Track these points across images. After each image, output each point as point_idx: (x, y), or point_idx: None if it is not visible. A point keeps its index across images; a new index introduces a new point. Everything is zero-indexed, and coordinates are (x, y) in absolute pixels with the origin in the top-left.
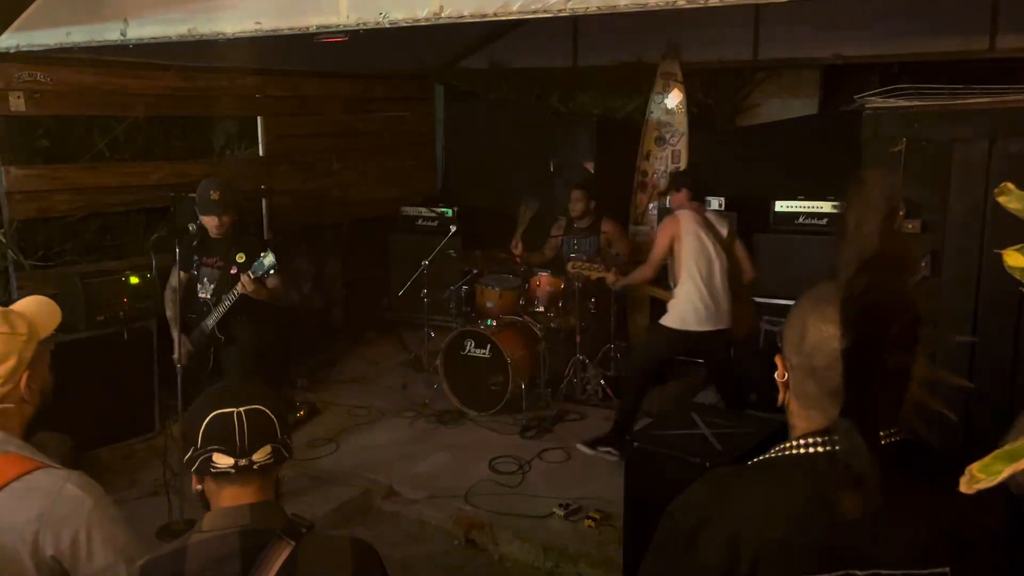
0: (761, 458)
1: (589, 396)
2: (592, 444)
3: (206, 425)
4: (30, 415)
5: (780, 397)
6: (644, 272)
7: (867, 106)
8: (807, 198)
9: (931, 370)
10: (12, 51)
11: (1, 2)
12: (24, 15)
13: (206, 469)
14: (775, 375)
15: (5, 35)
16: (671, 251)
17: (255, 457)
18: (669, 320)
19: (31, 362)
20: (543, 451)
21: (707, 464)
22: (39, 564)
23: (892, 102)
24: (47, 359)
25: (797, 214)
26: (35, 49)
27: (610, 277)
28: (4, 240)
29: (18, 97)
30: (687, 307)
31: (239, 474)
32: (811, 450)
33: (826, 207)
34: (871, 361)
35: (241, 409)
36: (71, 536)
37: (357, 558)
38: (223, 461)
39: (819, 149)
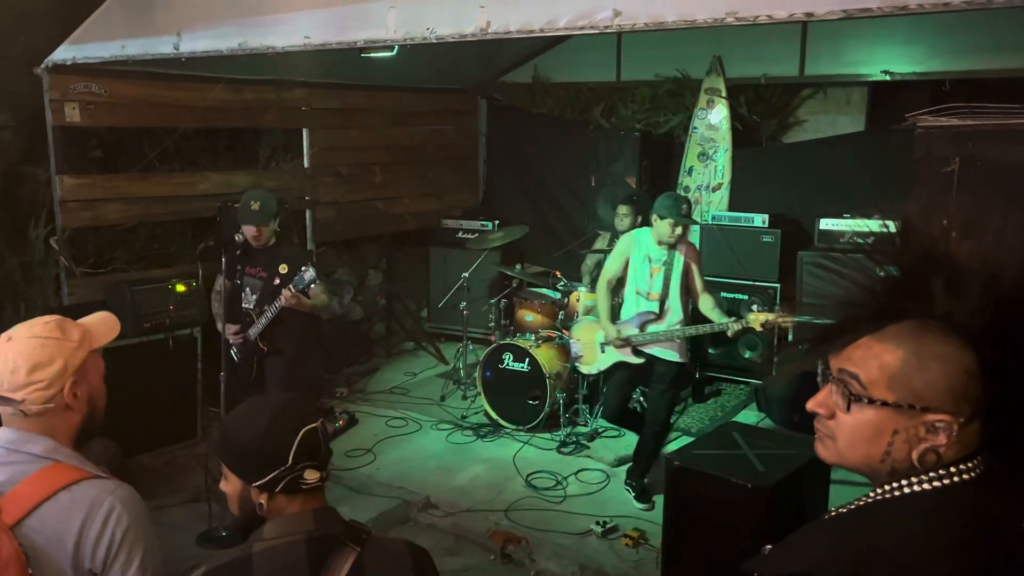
0: (871, 500)
1: None
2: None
3: (299, 443)
4: (77, 424)
5: (933, 457)
6: None
7: (919, 125)
8: (853, 216)
9: None
10: (68, 63)
11: (58, 15)
12: (80, 28)
13: (295, 487)
14: (918, 441)
15: (62, 47)
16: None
17: (329, 467)
18: None
19: (78, 369)
20: (581, 471)
21: (749, 485)
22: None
23: (944, 121)
24: (100, 370)
25: (842, 232)
26: (90, 61)
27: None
28: (57, 247)
29: (73, 108)
30: None
31: (314, 487)
32: (955, 479)
33: (873, 226)
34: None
35: (318, 425)
36: (106, 551)
37: (416, 561)
38: (313, 476)
39: (866, 167)
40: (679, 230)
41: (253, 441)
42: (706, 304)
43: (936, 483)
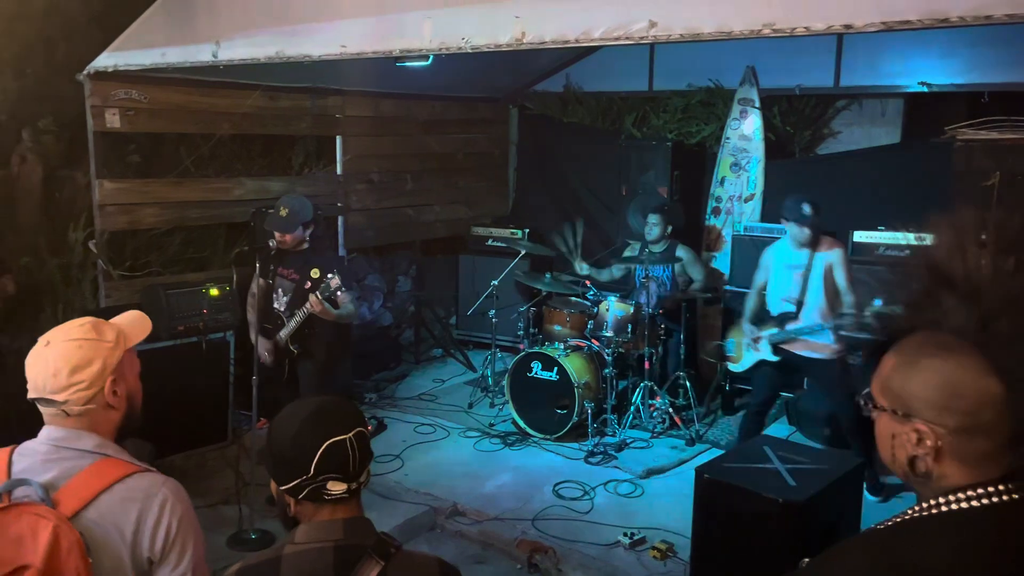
0: (910, 516)
1: (656, 424)
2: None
3: (321, 455)
4: (118, 421)
5: (924, 466)
6: None
7: (958, 138)
8: (888, 229)
9: None
10: (110, 70)
11: (99, 23)
12: (122, 36)
13: (318, 497)
14: (911, 447)
15: (103, 55)
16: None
17: (361, 479)
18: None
19: (116, 368)
20: (618, 484)
21: (780, 500)
22: (136, 565)
23: (984, 134)
24: (136, 368)
25: (877, 245)
26: (131, 69)
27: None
28: (95, 250)
29: (113, 114)
30: None
31: (343, 497)
32: (994, 500)
33: (908, 238)
34: None
35: (351, 435)
36: (164, 539)
37: None
38: (337, 488)
39: (902, 179)
40: (806, 231)
41: (280, 446)
42: (846, 303)
43: (975, 502)
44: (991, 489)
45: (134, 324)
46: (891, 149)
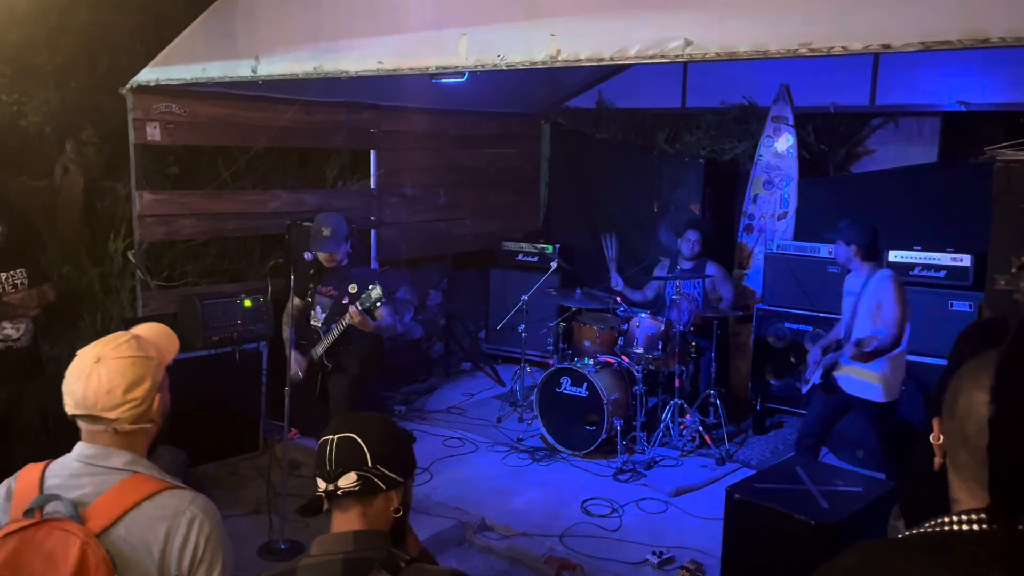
0: (916, 532)
1: (686, 442)
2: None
3: (317, 452)
4: (153, 435)
5: (936, 460)
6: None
7: (998, 158)
8: (924, 249)
9: None
10: (152, 84)
11: (140, 37)
12: (164, 51)
13: (329, 502)
14: (931, 437)
15: (146, 69)
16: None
17: (340, 483)
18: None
19: (160, 385)
20: (641, 500)
21: (812, 522)
22: None
23: None
24: (167, 383)
25: (912, 265)
26: (173, 83)
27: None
28: (134, 260)
29: (154, 127)
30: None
31: (332, 499)
32: (973, 527)
33: (944, 259)
34: (1019, 433)
35: (335, 437)
36: (191, 558)
37: None
38: (320, 485)
39: (938, 199)
40: (846, 253)
41: None
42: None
43: (964, 527)
44: (976, 517)
45: (165, 339)
46: (927, 168)
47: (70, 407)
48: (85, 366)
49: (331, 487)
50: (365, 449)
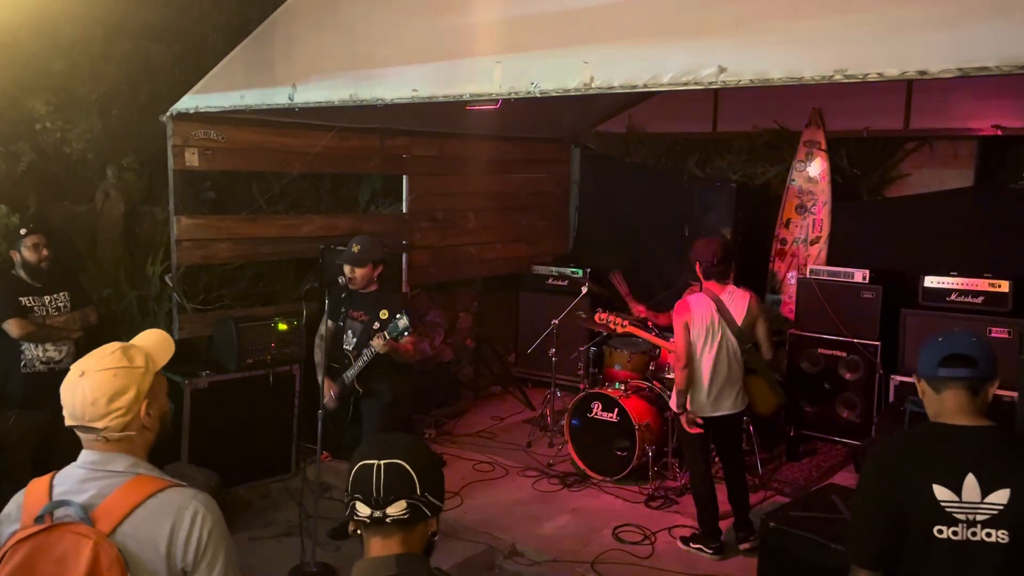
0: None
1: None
2: (687, 541)
3: (352, 474)
4: (152, 440)
5: None
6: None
7: None
8: (960, 275)
9: None
10: (191, 111)
11: (180, 65)
12: (204, 80)
13: (352, 515)
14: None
15: (186, 97)
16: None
17: (389, 511)
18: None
19: (149, 392)
20: (673, 527)
21: None
22: (172, 575)
23: None
24: (165, 388)
25: (949, 291)
26: (211, 110)
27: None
28: (171, 283)
29: (193, 153)
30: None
31: (376, 525)
32: None
33: (982, 285)
34: None
35: (381, 462)
36: (196, 549)
37: None
38: (362, 510)
39: (975, 224)
40: None
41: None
42: None
43: None
44: None
45: (159, 346)
46: (963, 192)
47: (66, 419)
48: (72, 380)
49: (378, 514)
50: (415, 477)
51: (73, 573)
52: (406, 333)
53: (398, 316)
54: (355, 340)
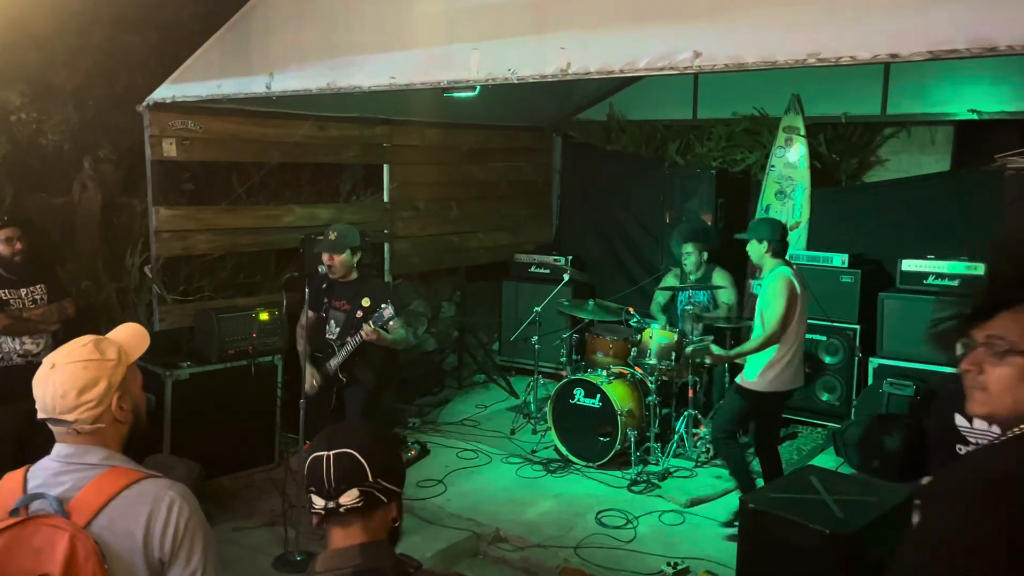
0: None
1: (700, 453)
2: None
3: (307, 467)
4: (125, 433)
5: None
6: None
7: (1009, 166)
8: (938, 257)
9: None
10: (168, 101)
11: (157, 55)
12: (180, 69)
13: (311, 509)
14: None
15: (162, 87)
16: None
17: (342, 500)
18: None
19: (121, 385)
20: (662, 513)
21: (827, 531)
22: (149, 566)
23: None
24: (139, 380)
25: (926, 274)
26: (188, 100)
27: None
28: (151, 275)
29: (170, 144)
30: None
31: (334, 516)
32: None
33: (959, 267)
34: None
35: (331, 453)
36: (173, 539)
37: None
38: (317, 502)
39: (951, 207)
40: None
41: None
42: None
43: None
44: None
45: (133, 339)
46: (940, 177)
47: (38, 412)
48: (43, 372)
49: (332, 504)
50: (365, 464)
51: (50, 566)
52: (391, 321)
53: (383, 306)
54: (338, 330)
